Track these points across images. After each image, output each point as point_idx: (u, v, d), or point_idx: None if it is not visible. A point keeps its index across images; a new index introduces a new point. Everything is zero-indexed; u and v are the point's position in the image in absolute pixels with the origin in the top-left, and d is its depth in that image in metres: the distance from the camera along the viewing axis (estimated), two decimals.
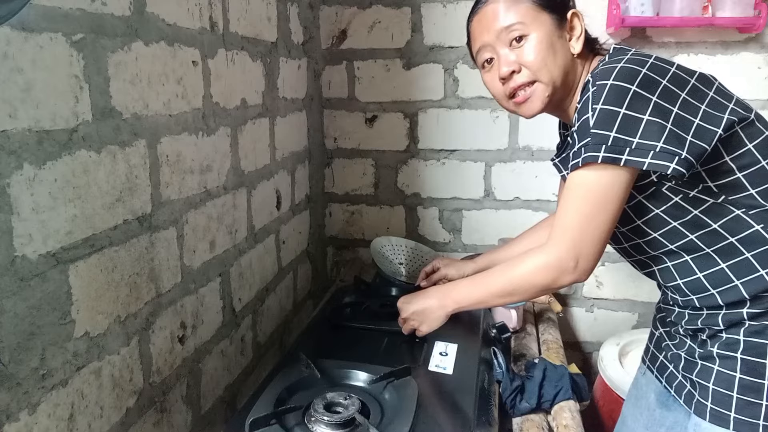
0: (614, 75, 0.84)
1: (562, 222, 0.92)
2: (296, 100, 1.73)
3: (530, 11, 0.94)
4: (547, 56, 0.94)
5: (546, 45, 0.94)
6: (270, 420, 0.93)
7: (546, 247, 0.94)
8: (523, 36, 0.94)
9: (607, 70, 0.86)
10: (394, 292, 1.56)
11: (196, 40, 1.12)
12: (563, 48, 0.95)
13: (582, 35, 0.96)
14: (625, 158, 0.82)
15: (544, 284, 0.96)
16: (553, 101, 0.98)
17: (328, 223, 2.08)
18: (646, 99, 0.82)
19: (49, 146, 0.75)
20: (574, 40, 0.96)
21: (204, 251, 1.18)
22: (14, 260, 0.71)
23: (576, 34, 0.96)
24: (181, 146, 1.07)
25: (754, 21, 1.59)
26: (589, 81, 0.89)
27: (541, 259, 0.95)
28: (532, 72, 0.95)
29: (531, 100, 0.98)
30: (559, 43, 0.95)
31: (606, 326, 1.96)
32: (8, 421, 0.70)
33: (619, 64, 0.86)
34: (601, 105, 0.83)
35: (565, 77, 0.96)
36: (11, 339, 0.71)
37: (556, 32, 0.95)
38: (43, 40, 0.74)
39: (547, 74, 0.95)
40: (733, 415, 0.90)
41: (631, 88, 0.82)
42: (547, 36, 0.94)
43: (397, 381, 1.05)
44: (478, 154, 1.92)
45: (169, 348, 1.06)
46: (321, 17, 1.91)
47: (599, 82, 0.85)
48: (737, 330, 0.91)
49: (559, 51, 0.95)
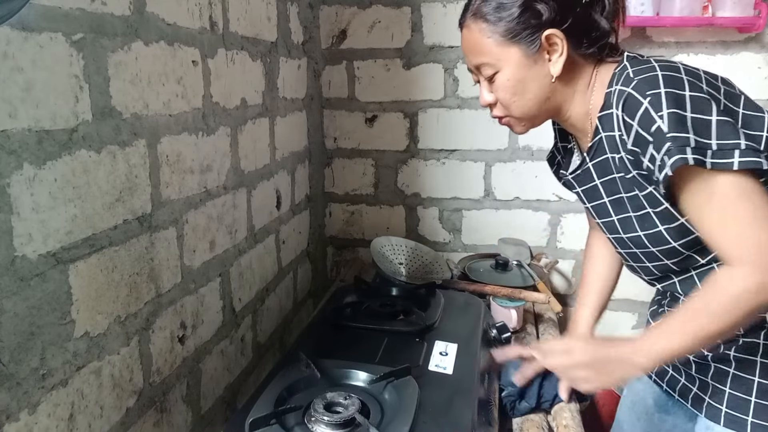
0: (662, 83, 0.80)
1: (738, 238, 0.80)
2: (296, 100, 1.73)
3: (496, 48, 0.90)
4: (516, 92, 0.92)
5: (514, 81, 0.91)
6: (270, 420, 0.93)
7: (738, 269, 0.80)
8: (494, 73, 0.92)
9: (650, 80, 0.81)
10: (395, 291, 1.56)
11: (196, 40, 1.12)
12: (539, 75, 0.90)
13: (563, 54, 0.88)
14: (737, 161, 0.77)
15: (754, 308, 0.81)
16: (539, 122, 0.98)
17: (328, 223, 2.08)
18: (707, 101, 0.79)
19: (49, 146, 0.75)
20: (554, 61, 0.89)
21: (204, 251, 1.18)
22: (14, 260, 0.71)
23: (556, 53, 0.89)
24: (181, 146, 1.07)
25: (754, 21, 1.59)
26: (627, 94, 0.83)
27: (743, 284, 0.80)
28: (504, 108, 0.95)
29: (511, 126, 0.99)
30: (532, 73, 0.90)
31: (606, 326, 1.95)
32: (8, 421, 0.70)
33: (658, 72, 0.81)
34: (668, 110, 0.78)
35: (542, 104, 0.93)
36: (11, 339, 0.71)
37: (527, 62, 0.90)
38: (43, 40, 0.74)
39: (517, 110, 0.94)
40: (750, 420, 0.90)
41: (685, 94, 0.79)
42: (516, 71, 0.90)
43: (397, 381, 1.05)
44: (478, 154, 1.92)
45: (169, 348, 1.06)
46: (321, 17, 1.90)
47: (651, 91, 0.80)
48: (757, 334, 0.90)
49: (532, 82, 0.91)
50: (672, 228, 0.88)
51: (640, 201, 0.90)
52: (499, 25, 0.89)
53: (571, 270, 1.96)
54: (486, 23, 0.90)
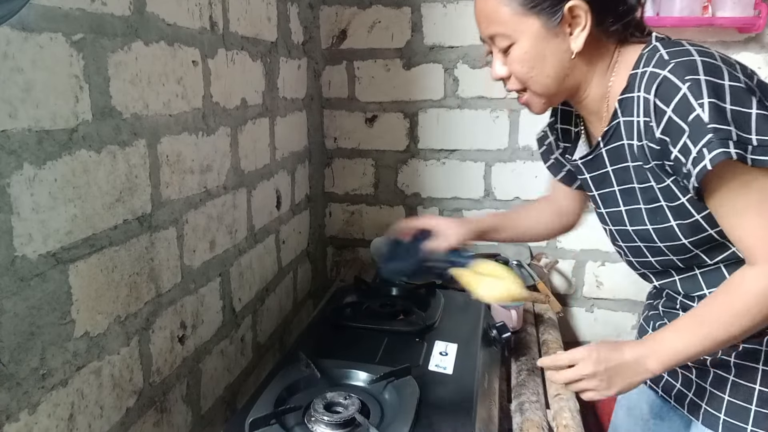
0: (702, 70, 0.75)
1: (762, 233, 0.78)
2: (296, 100, 1.73)
3: (513, 17, 0.83)
4: (534, 66, 0.85)
5: (532, 54, 0.84)
6: (270, 420, 0.93)
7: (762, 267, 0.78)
8: (509, 45, 0.85)
9: (688, 64, 0.76)
10: (394, 291, 1.56)
11: (196, 40, 1.12)
12: (558, 50, 0.84)
13: (586, 28, 0.82)
14: None
15: None
16: (557, 100, 0.92)
17: (328, 223, 2.08)
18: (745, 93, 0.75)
19: (49, 146, 0.75)
20: (575, 35, 0.83)
21: (204, 251, 1.18)
22: (14, 260, 0.71)
23: (579, 27, 0.82)
24: (181, 146, 1.07)
25: (754, 21, 1.59)
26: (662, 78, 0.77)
27: None
28: (521, 82, 0.88)
29: (529, 106, 0.92)
30: (551, 46, 0.84)
31: (606, 326, 1.96)
32: (8, 421, 0.70)
33: (696, 57, 0.76)
34: (708, 99, 0.73)
35: (562, 80, 0.87)
36: (11, 339, 0.71)
37: (547, 35, 0.83)
38: (43, 40, 0.74)
39: (536, 84, 0.87)
40: (750, 428, 0.88)
41: (724, 84, 0.75)
42: (534, 43, 0.83)
43: (397, 381, 1.05)
44: (478, 154, 1.92)
45: (169, 348, 1.06)
46: (321, 17, 1.90)
47: (691, 77, 0.75)
48: (759, 340, 0.88)
49: (552, 56, 0.84)
50: (685, 224, 0.84)
51: (654, 193, 0.86)
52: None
53: (571, 270, 1.96)
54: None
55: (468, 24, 1.75)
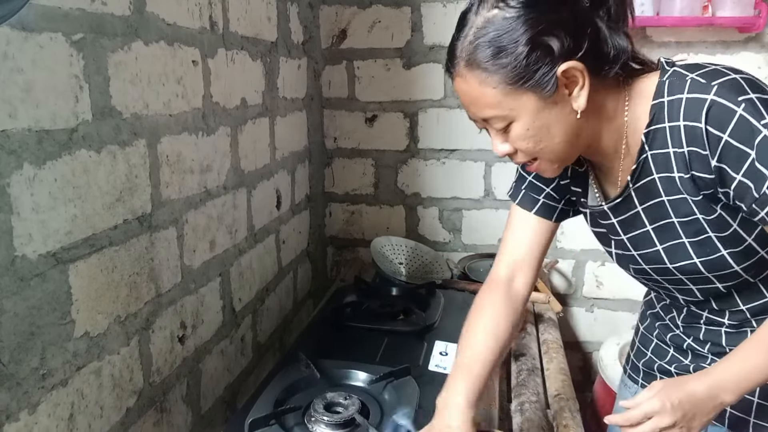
0: (748, 87, 0.71)
1: None
2: (296, 100, 1.73)
3: (505, 98, 0.75)
4: (541, 139, 0.78)
5: (534, 130, 0.77)
6: (270, 420, 0.93)
7: None
8: (507, 124, 0.77)
9: (732, 83, 0.72)
10: (394, 291, 1.56)
11: (196, 40, 1.12)
12: (562, 115, 0.76)
13: (585, 86, 0.74)
14: None
15: None
16: (573, 159, 0.85)
17: (328, 223, 2.08)
18: None
19: (49, 146, 0.75)
20: (575, 95, 0.75)
21: (204, 251, 1.18)
22: (14, 260, 0.70)
23: (577, 87, 0.75)
24: (181, 146, 1.07)
25: (754, 21, 1.59)
26: (710, 102, 0.72)
27: None
28: (529, 155, 0.81)
29: (543, 172, 0.84)
30: (554, 115, 0.76)
31: (606, 326, 1.96)
32: (8, 421, 0.70)
33: (732, 74, 0.73)
34: None
35: (575, 141, 0.80)
36: (11, 339, 0.71)
37: (546, 106, 0.75)
38: (43, 40, 0.74)
39: (548, 153, 0.80)
40: (752, 421, 0.88)
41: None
42: (535, 118, 0.76)
43: (396, 381, 1.05)
44: (478, 154, 1.92)
45: (169, 348, 1.06)
46: (321, 17, 1.90)
47: (743, 97, 0.70)
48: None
49: (557, 124, 0.77)
50: (736, 251, 0.80)
51: (700, 225, 0.80)
52: (503, 73, 0.73)
53: (571, 270, 1.96)
54: (485, 72, 0.74)
55: None
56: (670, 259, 0.85)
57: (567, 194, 0.97)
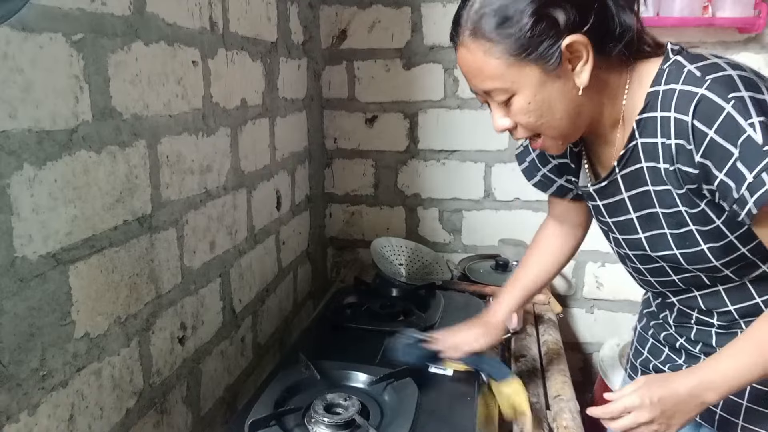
0: (742, 85, 0.70)
1: None
2: (296, 101, 1.73)
3: (508, 69, 0.75)
4: (542, 114, 0.78)
5: (536, 104, 0.77)
6: (270, 421, 0.93)
7: None
8: (509, 97, 0.77)
9: (726, 80, 0.71)
10: (395, 292, 1.56)
11: (196, 40, 1.12)
12: (564, 90, 0.77)
13: (589, 61, 0.74)
14: None
15: None
16: (576, 137, 0.85)
17: (328, 224, 2.08)
18: None
19: (49, 146, 0.75)
20: (578, 71, 0.75)
21: (204, 252, 1.18)
22: (14, 261, 0.70)
23: (581, 62, 0.75)
24: (181, 146, 1.07)
25: (754, 21, 1.59)
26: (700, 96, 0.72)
27: None
28: (530, 130, 0.81)
29: (547, 149, 0.85)
30: (556, 89, 0.76)
31: (606, 327, 1.96)
32: (8, 421, 0.70)
33: (730, 71, 0.72)
34: (758, 118, 0.68)
35: (576, 118, 0.80)
36: (11, 340, 0.70)
37: (548, 79, 0.75)
38: (43, 40, 0.74)
39: (549, 129, 0.80)
40: (741, 423, 0.88)
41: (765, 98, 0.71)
42: (537, 91, 0.76)
43: (396, 382, 1.05)
44: (478, 155, 1.91)
45: (169, 349, 1.06)
46: (321, 17, 1.90)
47: (733, 95, 0.70)
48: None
49: (559, 98, 0.77)
50: (717, 246, 0.80)
51: (682, 218, 0.80)
52: (508, 43, 0.73)
53: (571, 271, 1.96)
54: (490, 42, 0.74)
55: None
56: (651, 248, 0.86)
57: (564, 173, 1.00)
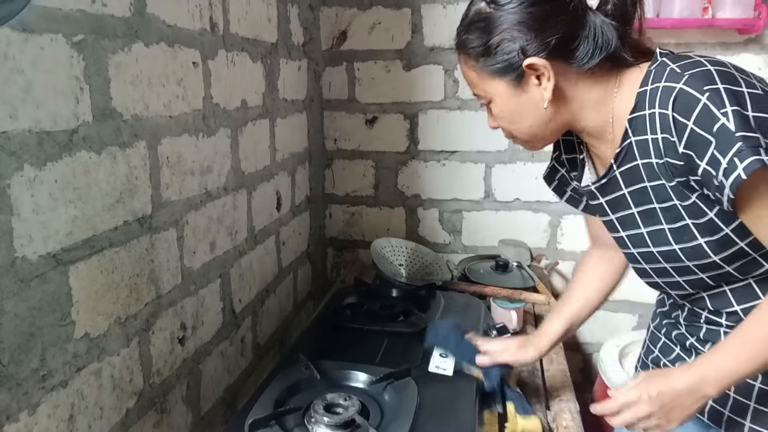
0: (718, 79, 0.74)
1: None
2: (296, 102, 1.73)
3: (483, 81, 0.88)
4: (512, 120, 0.89)
5: (507, 112, 0.88)
6: (270, 421, 0.93)
7: None
8: (489, 102, 0.90)
9: (703, 74, 0.75)
10: (395, 293, 1.56)
11: (197, 41, 1.12)
12: (531, 102, 0.86)
13: (551, 79, 0.82)
14: None
15: None
16: (551, 140, 0.94)
17: (329, 225, 2.08)
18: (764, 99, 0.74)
19: (49, 147, 0.75)
20: (543, 86, 0.83)
21: (204, 252, 1.18)
22: (14, 261, 0.71)
23: (545, 79, 0.83)
24: (181, 147, 1.08)
25: (754, 22, 1.59)
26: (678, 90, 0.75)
27: None
28: (507, 132, 0.93)
29: (523, 145, 0.95)
30: (523, 101, 0.86)
31: (606, 327, 1.96)
32: (8, 421, 0.70)
33: (709, 66, 0.76)
34: (731, 107, 0.72)
35: (545, 125, 0.88)
36: (11, 340, 0.71)
37: (515, 92, 0.86)
38: (44, 41, 0.74)
39: (520, 134, 0.91)
40: (747, 425, 0.87)
41: (743, 90, 0.74)
42: (506, 101, 0.87)
43: (396, 382, 1.05)
44: (478, 156, 1.92)
45: (169, 349, 1.06)
46: (321, 18, 1.91)
47: (709, 87, 0.73)
48: None
49: (526, 109, 0.87)
50: (714, 240, 0.81)
51: (677, 212, 0.82)
52: (480, 60, 0.86)
53: (571, 271, 1.96)
54: (469, 57, 0.88)
55: None
56: (653, 243, 0.89)
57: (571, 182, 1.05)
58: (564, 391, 1.26)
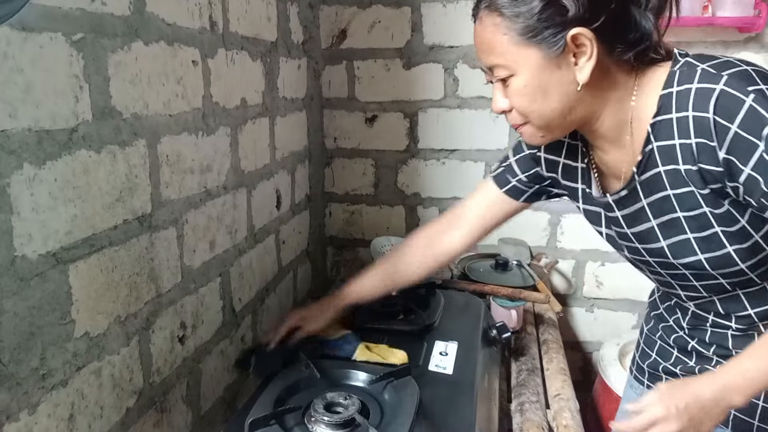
0: (759, 78, 0.71)
1: None
2: (296, 100, 1.73)
3: (511, 47, 0.76)
4: (535, 99, 0.78)
5: (532, 88, 0.77)
6: (269, 420, 0.93)
7: None
8: (508, 77, 0.78)
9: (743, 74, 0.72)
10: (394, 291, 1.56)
11: (196, 40, 1.12)
12: (562, 82, 0.76)
13: (592, 58, 0.74)
14: None
15: None
16: (558, 134, 0.85)
17: (328, 223, 2.08)
18: None
19: (49, 146, 0.75)
20: (581, 66, 0.75)
21: (204, 251, 1.18)
22: (14, 260, 0.70)
23: (584, 57, 0.74)
24: (181, 146, 1.07)
25: (754, 21, 1.59)
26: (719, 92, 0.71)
27: None
28: (522, 115, 0.81)
29: (527, 137, 0.85)
30: (554, 78, 0.76)
31: (606, 326, 1.96)
32: (8, 421, 0.70)
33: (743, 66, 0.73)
34: None
35: (567, 113, 0.79)
36: (11, 339, 0.70)
37: (549, 66, 0.75)
38: (43, 40, 0.74)
39: (538, 118, 0.80)
40: (756, 424, 0.88)
41: None
42: (534, 76, 0.76)
43: (396, 381, 1.05)
44: (478, 154, 1.92)
45: (169, 348, 1.06)
46: (321, 17, 1.90)
47: (753, 87, 0.69)
48: None
49: (555, 88, 0.77)
50: (743, 248, 0.78)
51: (706, 220, 0.78)
52: (517, 21, 0.74)
53: (571, 270, 1.96)
54: (501, 17, 0.75)
55: (468, 24, 1.75)
56: (674, 255, 0.84)
57: (547, 184, 1.01)
58: (564, 389, 1.26)
